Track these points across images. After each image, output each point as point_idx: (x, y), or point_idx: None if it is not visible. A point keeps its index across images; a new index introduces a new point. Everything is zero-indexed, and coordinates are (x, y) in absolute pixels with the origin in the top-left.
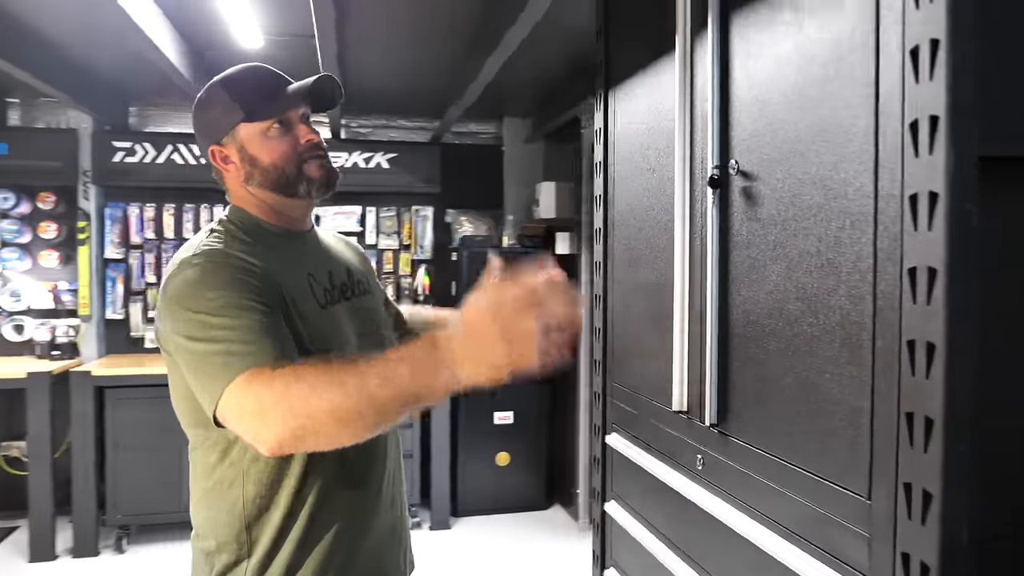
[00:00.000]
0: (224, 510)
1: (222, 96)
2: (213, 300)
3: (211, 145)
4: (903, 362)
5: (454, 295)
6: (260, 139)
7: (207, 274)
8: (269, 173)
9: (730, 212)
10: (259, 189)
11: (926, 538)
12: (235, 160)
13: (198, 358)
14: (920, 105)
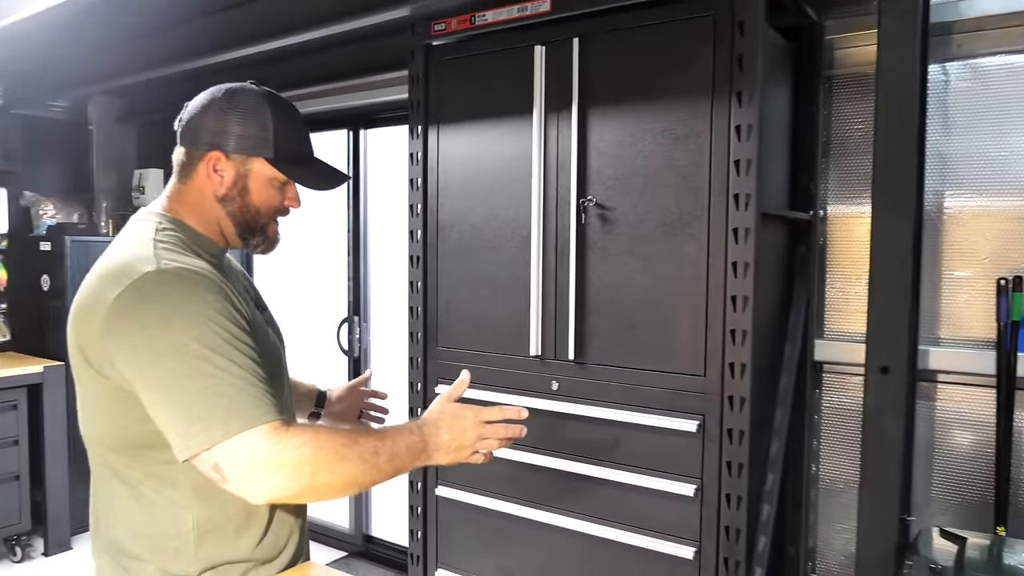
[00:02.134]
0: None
1: (264, 119)
2: (208, 330)
3: (215, 150)
4: (728, 305)
5: (47, 291)
6: (265, 181)
7: (182, 295)
8: (247, 211)
9: (588, 227)
10: (225, 215)
11: (743, 387)
12: (226, 178)
13: (179, 397)
14: (741, 188)
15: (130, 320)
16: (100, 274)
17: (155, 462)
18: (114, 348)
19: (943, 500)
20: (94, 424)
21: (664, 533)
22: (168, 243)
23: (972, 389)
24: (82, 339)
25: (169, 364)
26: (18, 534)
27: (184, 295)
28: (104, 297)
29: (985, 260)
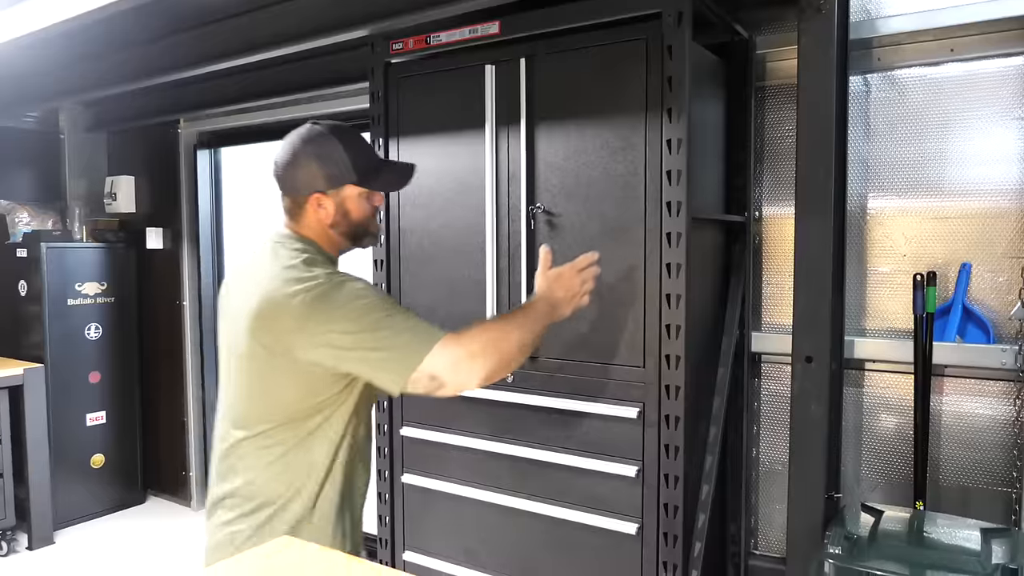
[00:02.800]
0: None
1: (342, 157)
2: (375, 304)
3: (315, 193)
4: (663, 303)
5: (24, 296)
6: (357, 199)
7: (353, 285)
8: (354, 227)
9: (537, 232)
10: (337, 234)
11: (678, 377)
12: (329, 209)
13: (383, 346)
14: (674, 196)
15: (318, 315)
16: (274, 287)
17: (302, 432)
18: (307, 338)
19: (871, 479)
20: (262, 402)
21: (610, 511)
22: (311, 259)
23: (895, 376)
24: (265, 336)
25: (362, 331)
26: (2, 529)
27: (346, 285)
28: (286, 302)
29: (905, 256)
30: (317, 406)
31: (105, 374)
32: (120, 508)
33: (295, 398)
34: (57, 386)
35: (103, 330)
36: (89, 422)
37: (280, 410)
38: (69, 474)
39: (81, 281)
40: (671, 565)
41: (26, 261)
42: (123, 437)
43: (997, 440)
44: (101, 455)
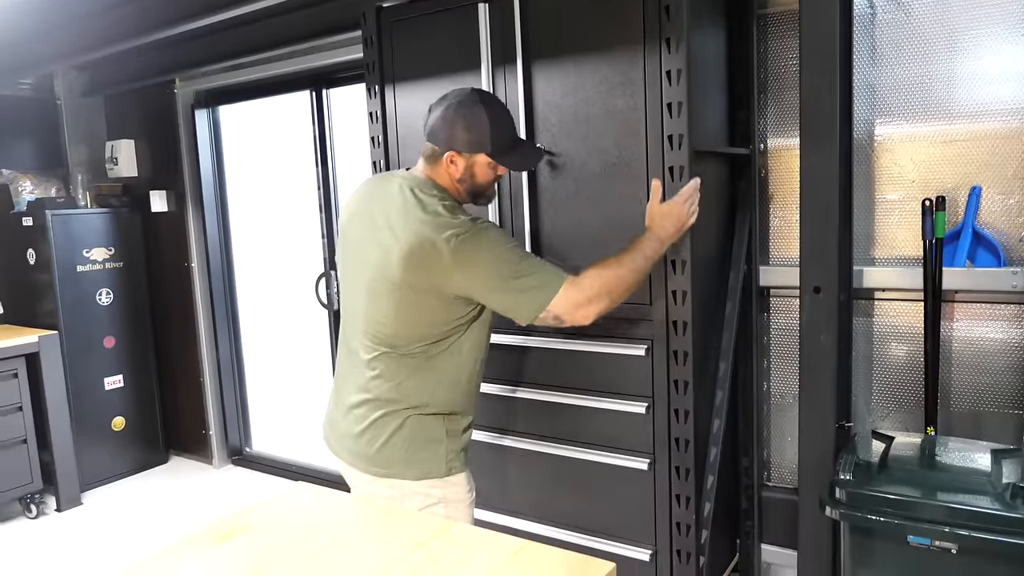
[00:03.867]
0: (435, 380)
1: (483, 126)
2: (512, 250)
3: (451, 151)
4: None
5: (34, 264)
6: (485, 167)
7: (494, 233)
8: (476, 188)
9: (538, 173)
10: (460, 187)
11: (685, 312)
12: (459, 167)
13: (515, 290)
14: (675, 129)
15: (469, 258)
16: (421, 227)
17: (440, 347)
18: (458, 278)
19: (882, 407)
20: (405, 325)
21: (623, 448)
22: (448, 203)
23: (905, 304)
24: (417, 273)
25: (503, 275)
26: (31, 493)
27: (490, 232)
28: (441, 245)
29: (913, 182)
30: (455, 328)
31: (119, 338)
32: (144, 468)
33: (437, 322)
34: (73, 352)
35: (114, 295)
36: (107, 386)
37: (423, 331)
38: (91, 437)
39: (89, 247)
40: (683, 498)
41: (32, 230)
42: (141, 399)
43: (1008, 363)
44: (121, 418)
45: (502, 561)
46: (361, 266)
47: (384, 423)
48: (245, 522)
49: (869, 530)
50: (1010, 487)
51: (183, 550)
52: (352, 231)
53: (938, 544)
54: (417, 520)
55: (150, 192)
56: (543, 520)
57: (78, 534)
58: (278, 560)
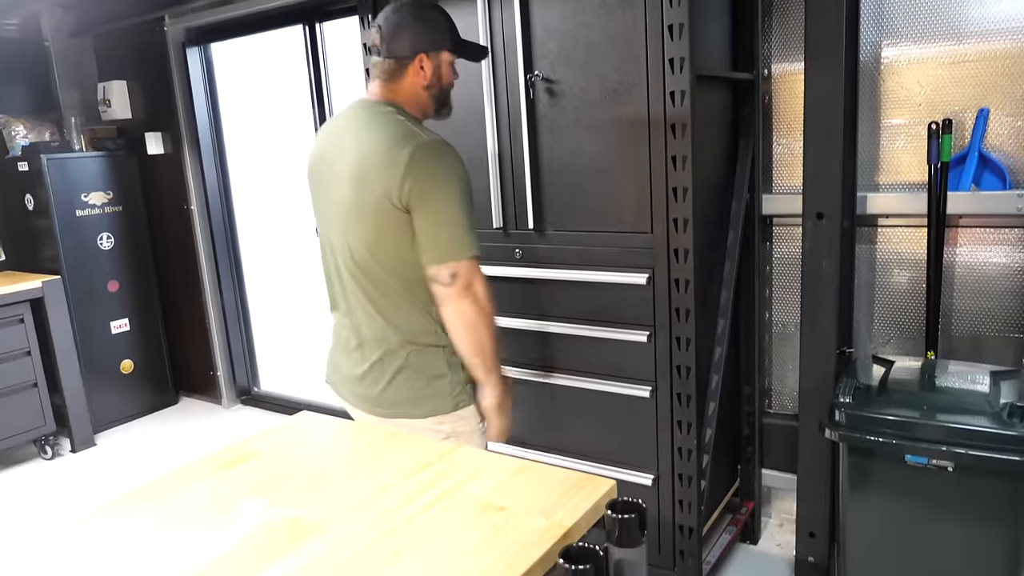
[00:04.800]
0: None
1: (444, 23)
2: (462, 186)
3: (421, 52)
4: (669, 165)
5: (32, 210)
6: (448, 66)
7: (457, 163)
8: (444, 91)
9: (537, 101)
10: (429, 97)
11: (686, 240)
12: (427, 70)
13: (447, 223)
14: (676, 52)
15: (423, 169)
16: (386, 143)
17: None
18: (411, 187)
19: (883, 333)
20: (399, 251)
21: (624, 377)
22: (412, 122)
23: (908, 230)
24: (388, 187)
25: (444, 203)
26: (45, 435)
27: (452, 159)
28: (399, 155)
29: (920, 106)
30: None
31: (123, 282)
32: (155, 410)
33: (405, 242)
34: (77, 297)
35: (115, 239)
36: (114, 330)
37: (396, 256)
38: (101, 380)
39: (87, 191)
40: (685, 424)
41: (29, 175)
42: (148, 342)
43: (1010, 287)
44: (130, 361)
45: (505, 480)
46: (334, 203)
47: (385, 364)
48: (251, 450)
49: (867, 451)
50: (1007, 406)
51: (189, 475)
52: (322, 170)
53: (935, 463)
54: (421, 444)
55: (145, 134)
56: (546, 449)
57: (93, 473)
58: (283, 483)
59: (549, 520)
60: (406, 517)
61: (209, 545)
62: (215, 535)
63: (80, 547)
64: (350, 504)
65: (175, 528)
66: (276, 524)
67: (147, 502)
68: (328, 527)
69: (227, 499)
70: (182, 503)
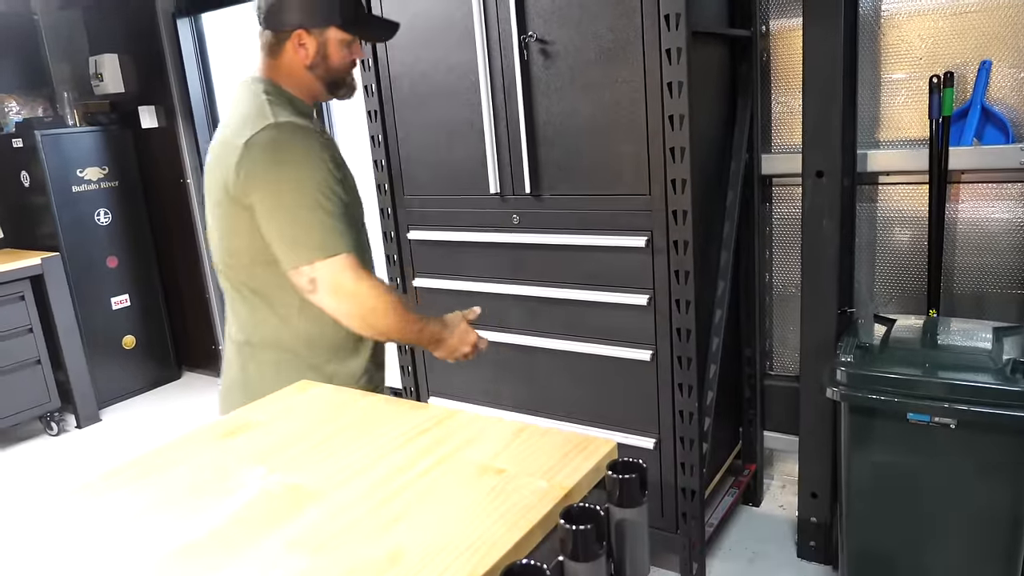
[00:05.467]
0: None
1: None
2: (312, 173)
3: (299, 28)
4: (666, 125)
5: (28, 187)
6: (338, 45)
7: (301, 145)
8: (332, 73)
9: (531, 63)
10: (314, 78)
11: (684, 201)
12: (309, 48)
13: (291, 221)
14: (671, 8)
15: (260, 159)
16: (231, 125)
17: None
18: (248, 180)
19: (885, 293)
20: (237, 246)
21: (624, 340)
22: (276, 102)
23: (910, 187)
24: (226, 177)
25: (289, 196)
26: (50, 412)
27: (302, 145)
28: (236, 143)
29: (920, 60)
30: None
31: (122, 258)
32: (158, 384)
33: (257, 240)
34: (77, 273)
35: (112, 215)
36: (115, 306)
37: (252, 253)
38: (104, 356)
39: (82, 167)
40: (686, 387)
41: (23, 151)
42: (149, 317)
43: (1013, 243)
44: (131, 336)
45: (505, 442)
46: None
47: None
48: (250, 420)
49: (869, 409)
50: (1011, 363)
51: (189, 445)
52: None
53: (937, 420)
54: (420, 410)
55: (138, 108)
56: (549, 414)
57: (99, 448)
58: (282, 451)
59: (550, 482)
60: (405, 482)
61: (210, 513)
62: (216, 503)
63: (80, 517)
64: (348, 471)
65: (176, 497)
66: (275, 491)
67: (148, 471)
68: (327, 494)
69: (227, 468)
70: (182, 472)
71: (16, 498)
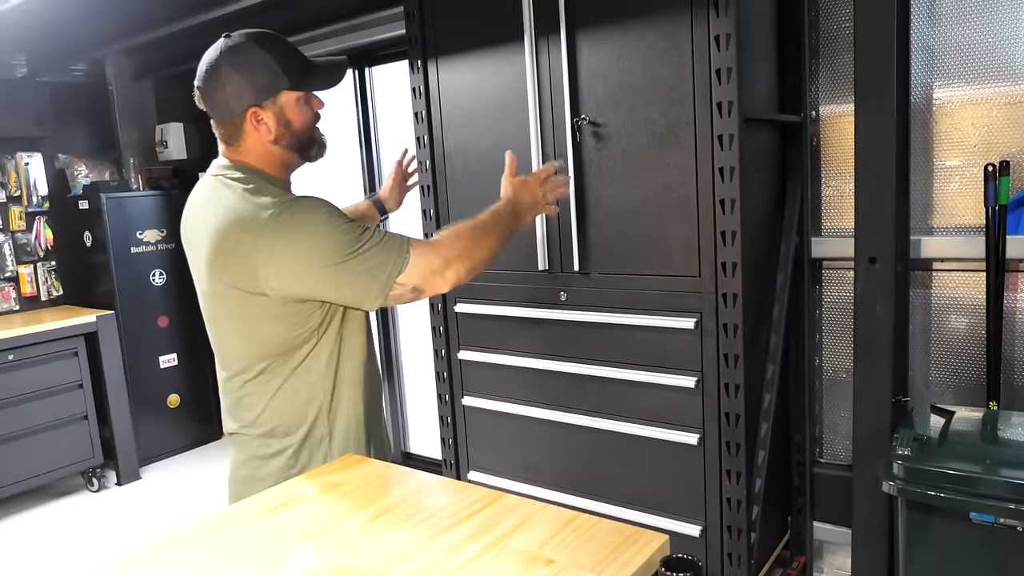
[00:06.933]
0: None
1: (267, 61)
2: (332, 228)
3: (252, 107)
4: (717, 208)
5: (90, 246)
6: (295, 106)
7: (306, 215)
8: (298, 136)
9: (583, 144)
10: (283, 150)
11: (735, 284)
12: (269, 123)
13: (351, 272)
14: (724, 96)
15: (284, 250)
16: (228, 224)
17: (294, 362)
18: (276, 274)
19: (941, 381)
20: (249, 337)
21: (670, 423)
22: (258, 189)
23: (965, 275)
24: (234, 277)
25: (332, 260)
26: (92, 467)
27: (306, 215)
28: (247, 240)
29: (975, 148)
30: (303, 335)
31: (172, 318)
32: (199, 444)
33: (276, 332)
34: (129, 331)
35: (167, 275)
36: (162, 364)
37: (265, 347)
38: (148, 414)
39: (142, 229)
40: (734, 473)
41: (89, 213)
42: (195, 377)
43: None
44: (176, 395)
45: (554, 530)
46: (197, 286)
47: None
48: (298, 493)
49: (928, 507)
50: None
51: (235, 518)
52: (188, 246)
53: (1003, 521)
54: (466, 490)
55: (199, 174)
56: (591, 495)
57: (138, 507)
58: (330, 529)
59: None
60: (452, 568)
61: None
62: None
63: None
64: (396, 552)
65: (220, 572)
66: (322, 571)
67: (192, 544)
68: None
69: (274, 543)
70: (228, 546)
71: (56, 560)
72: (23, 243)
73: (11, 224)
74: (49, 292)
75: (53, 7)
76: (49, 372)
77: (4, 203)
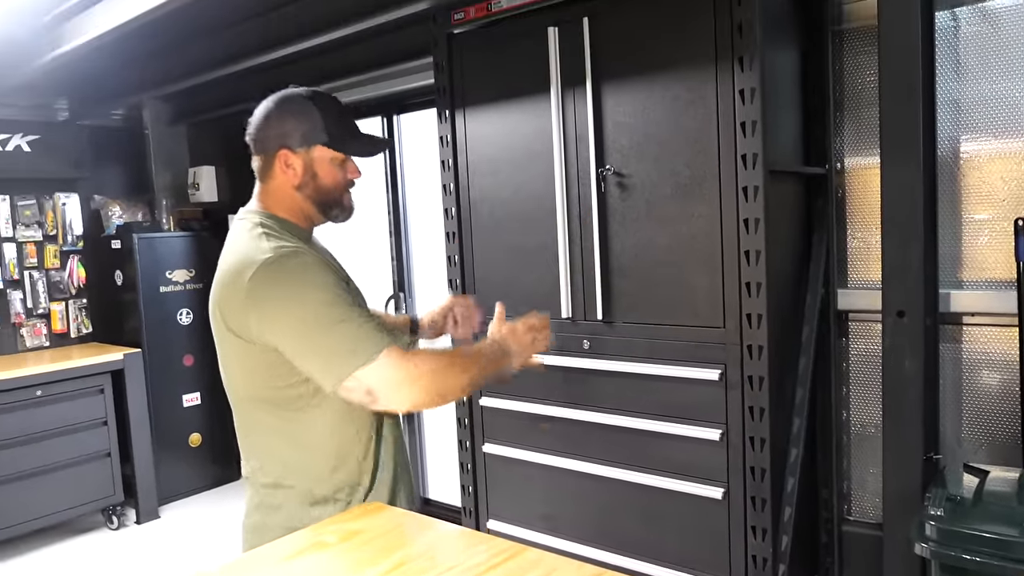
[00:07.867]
0: (310, 459)
1: (313, 114)
2: (321, 293)
3: (283, 149)
4: (742, 260)
5: (120, 285)
6: (327, 163)
7: (300, 271)
8: (323, 193)
9: (608, 194)
10: (305, 199)
11: (760, 336)
12: (296, 167)
13: (318, 343)
14: (749, 148)
15: (265, 297)
16: (231, 264)
17: (292, 410)
18: (256, 319)
19: (974, 439)
20: (236, 380)
21: (694, 476)
22: (270, 234)
23: (997, 329)
24: (227, 314)
25: (305, 323)
26: (113, 505)
27: (300, 270)
28: (239, 281)
29: (1004, 201)
30: (295, 390)
31: (198, 357)
32: (219, 484)
33: (271, 377)
34: (155, 369)
35: (193, 315)
36: (186, 403)
37: (260, 395)
38: (170, 453)
39: (171, 269)
40: (760, 529)
41: (120, 252)
42: (217, 417)
43: None
44: (198, 434)
45: None
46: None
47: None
48: (317, 541)
49: (963, 571)
50: None
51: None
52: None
53: None
54: (487, 542)
55: (228, 216)
56: (612, 547)
57: (156, 547)
58: None
59: None
60: None
61: None
62: None
63: None
64: None
65: None
66: None
67: None
68: None
69: None
70: None
71: None
72: (56, 280)
73: (46, 262)
74: (79, 329)
75: (99, 55)
76: (75, 409)
77: (41, 241)
